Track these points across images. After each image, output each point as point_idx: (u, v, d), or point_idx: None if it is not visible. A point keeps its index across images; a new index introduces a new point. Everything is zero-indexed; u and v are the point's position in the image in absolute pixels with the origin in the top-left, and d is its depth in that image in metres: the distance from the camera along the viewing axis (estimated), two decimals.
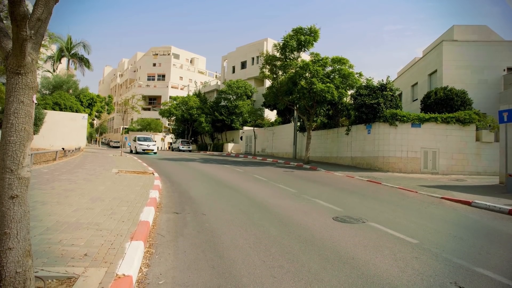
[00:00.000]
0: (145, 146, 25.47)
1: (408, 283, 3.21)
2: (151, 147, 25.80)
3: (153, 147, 25.98)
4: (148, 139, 27.24)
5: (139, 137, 27.40)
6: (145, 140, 26.85)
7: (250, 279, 3.19)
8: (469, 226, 5.95)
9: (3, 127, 2.32)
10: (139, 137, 27.42)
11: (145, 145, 25.51)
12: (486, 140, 14.62)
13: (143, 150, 25.25)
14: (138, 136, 27.73)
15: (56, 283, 2.69)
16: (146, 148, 25.39)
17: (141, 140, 26.81)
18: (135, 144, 26.17)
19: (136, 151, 25.52)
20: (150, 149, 25.59)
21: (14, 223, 2.31)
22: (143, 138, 27.31)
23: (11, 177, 2.29)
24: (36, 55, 2.41)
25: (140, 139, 26.94)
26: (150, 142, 26.44)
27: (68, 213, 4.92)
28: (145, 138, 27.37)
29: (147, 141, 26.70)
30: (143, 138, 27.61)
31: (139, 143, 25.81)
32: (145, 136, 28.46)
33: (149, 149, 25.53)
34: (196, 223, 5.19)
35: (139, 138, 27.38)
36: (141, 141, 26.28)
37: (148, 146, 25.72)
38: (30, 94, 2.37)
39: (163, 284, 3.01)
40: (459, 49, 18.11)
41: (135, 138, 27.47)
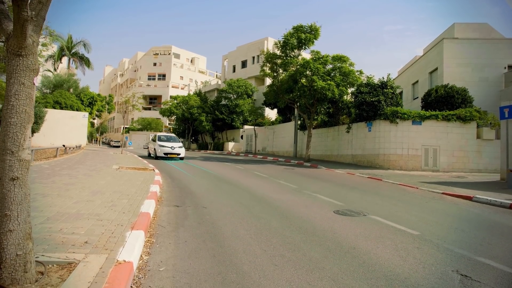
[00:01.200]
0: (169, 149, 17.59)
1: (409, 271, 3.20)
2: (176, 149, 17.66)
3: (180, 150, 17.78)
4: (172, 139, 19.04)
5: (160, 136, 19.14)
6: (168, 140, 18.70)
7: (251, 267, 3.18)
8: (471, 219, 5.94)
9: (4, 108, 2.31)
10: (160, 136, 19.18)
11: (168, 147, 17.64)
12: (487, 138, 14.59)
13: (165, 154, 17.46)
14: (159, 135, 19.39)
15: (57, 267, 2.69)
16: (170, 152, 17.49)
17: (163, 140, 18.57)
18: (155, 146, 18.20)
19: (156, 156, 17.75)
20: (175, 153, 17.51)
21: (15, 205, 2.30)
22: (166, 138, 19.09)
23: (12, 159, 2.28)
24: (37, 38, 2.40)
25: (161, 138, 18.78)
26: (175, 143, 18.25)
27: (68, 204, 4.91)
28: (168, 138, 19.22)
29: (170, 141, 18.59)
30: (166, 137, 19.23)
31: (161, 145, 17.82)
32: (168, 135, 20.16)
33: (174, 153, 17.47)
34: (197, 216, 5.18)
35: (160, 137, 18.98)
36: (163, 142, 18.18)
37: (173, 148, 17.64)
38: (31, 76, 2.37)
39: (164, 271, 3.00)
40: (460, 47, 18.08)
41: (154, 137, 19.18)
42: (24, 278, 2.35)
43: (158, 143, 17.96)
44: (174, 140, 19.00)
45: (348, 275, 3.06)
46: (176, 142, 18.55)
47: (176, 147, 17.88)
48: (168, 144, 17.97)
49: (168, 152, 17.50)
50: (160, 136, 19.23)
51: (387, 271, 3.18)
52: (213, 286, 2.74)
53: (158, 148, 17.67)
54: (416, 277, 3.06)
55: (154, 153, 18.16)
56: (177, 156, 17.65)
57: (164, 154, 17.46)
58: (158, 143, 18.00)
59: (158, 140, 18.40)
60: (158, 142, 18.13)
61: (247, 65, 41.50)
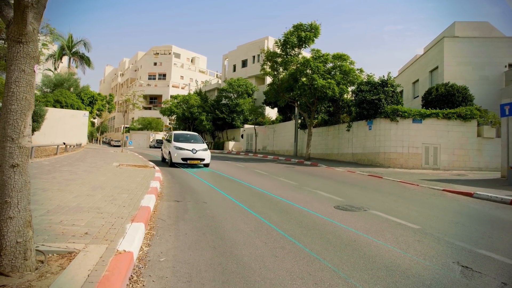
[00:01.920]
0: (189, 153, 12.25)
1: (410, 262, 3.19)
2: (199, 153, 12.39)
3: (203, 154, 12.51)
4: (193, 138, 13.79)
5: (177, 135, 13.77)
6: (187, 139, 13.43)
7: (251, 258, 3.17)
8: (471, 214, 5.93)
9: (4, 95, 2.31)
10: (178, 135, 13.80)
11: (187, 151, 12.29)
12: (488, 136, 14.58)
13: (184, 160, 12.17)
14: (176, 133, 14.04)
15: (57, 257, 2.68)
16: (190, 157, 12.21)
17: (181, 139, 13.27)
18: (170, 148, 12.79)
19: (172, 161, 12.35)
20: (198, 158, 12.32)
21: (15, 192, 2.30)
22: (185, 137, 13.65)
23: (12, 145, 2.28)
24: (38, 25, 2.40)
25: (178, 137, 13.44)
26: (197, 144, 12.97)
27: (69, 198, 4.91)
28: (188, 137, 13.77)
29: (191, 141, 13.31)
30: (185, 136, 13.82)
31: (178, 146, 12.46)
32: (188, 133, 14.53)
33: (196, 158, 12.28)
34: (197, 210, 5.17)
35: (177, 135, 13.66)
36: (180, 142, 12.83)
37: (194, 152, 12.31)
38: (32, 63, 2.36)
39: (164, 261, 3.00)
40: (460, 46, 18.06)
41: (169, 137, 13.91)
42: (24, 266, 2.34)
43: (174, 144, 12.42)
44: (196, 140, 13.57)
45: (349, 266, 3.05)
46: (199, 143, 13.12)
47: (199, 149, 12.32)
48: (188, 145, 12.45)
49: (188, 157, 12.07)
50: (178, 134, 13.73)
51: (388, 262, 3.18)
52: (213, 276, 2.74)
53: (174, 151, 12.17)
54: (417, 268, 3.06)
55: (170, 158, 12.45)
56: (200, 162, 12.26)
57: (182, 160, 12.02)
58: (175, 144, 12.47)
59: (174, 140, 12.89)
60: (175, 143, 12.59)
61: (248, 64, 41.49)
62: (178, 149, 12.26)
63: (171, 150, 12.51)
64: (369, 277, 2.82)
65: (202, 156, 12.36)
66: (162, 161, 14.98)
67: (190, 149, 12.26)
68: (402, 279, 2.80)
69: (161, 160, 15.18)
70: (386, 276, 2.84)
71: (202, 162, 12.39)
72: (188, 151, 12.21)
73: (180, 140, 13.12)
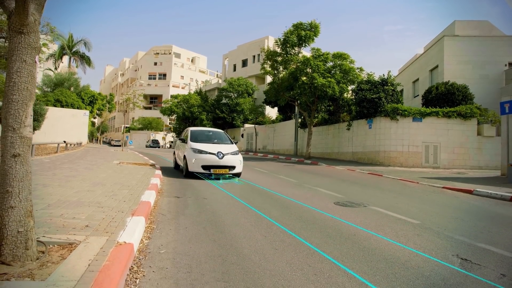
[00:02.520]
0: (213, 157, 8.54)
1: (410, 255, 3.20)
2: (227, 158, 8.68)
3: (233, 159, 8.78)
4: (216, 136, 10.15)
5: (194, 132, 10.07)
6: (208, 138, 9.87)
7: (251, 250, 3.18)
8: (471, 210, 5.94)
9: (6, 85, 2.32)
10: (195, 132, 10.09)
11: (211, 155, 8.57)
12: (488, 135, 14.58)
13: (205, 169, 8.45)
14: (193, 130, 10.21)
15: (58, 248, 2.69)
16: (215, 164, 8.51)
17: (201, 138, 9.60)
18: (185, 151, 9.03)
19: (188, 170, 8.60)
20: (226, 166, 8.63)
21: (16, 182, 2.31)
22: (205, 135, 10.15)
23: (13, 135, 2.29)
24: (39, 16, 2.41)
25: (197, 135, 9.77)
26: (223, 145, 9.32)
27: (69, 193, 4.93)
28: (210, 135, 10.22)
29: (213, 140, 9.73)
30: (205, 134, 10.25)
31: (196, 148, 8.73)
32: (209, 130, 10.99)
33: (224, 166, 8.60)
34: (197, 205, 5.19)
35: (195, 133, 9.93)
36: (200, 142, 9.16)
37: (220, 156, 8.61)
38: (33, 54, 2.38)
39: (164, 253, 3.01)
40: (460, 44, 18.08)
41: (185, 135, 10.26)
42: (25, 255, 2.35)
43: (191, 146, 8.82)
44: (221, 138, 9.86)
45: (349, 258, 3.06)
46: (226, 143, 9.49)
47: (227, 152, 8.70)
48: (211, 147, 8.83)
49: (212, 163, 8.43)
50: (196, 132, 9.91)
51: (387, 255, 3.19)
52: (213, 267, 2.75)
53: (191, 156, 8.54)
54: (417, 260, 3.07)
55: (185, 165, 8.86)
56: (229, 171, 8.59)
57: (203, 169, 8.38)
58: (192, 145, 8.85)
59: (192, 139, 9.27)
60: (192, 143, 8.96)
61: (248, 64, 41.52)
62: (197, 152, 8.44)
63: (187, 154, 8.64)
64: (369, 268, 2.83)
65: (231, 163, 8.49)
66: (175, 168, 10.82)
67: (215, 153, 8.42)
68: (401, 270, 2.81)
69: (174, 167, 10.99)
70: (385, 268, 2.85)
71: (231, 171, 8.50)
72: (211, 156, 8.37)
73: (199, 139, 9.27)
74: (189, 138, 9.37)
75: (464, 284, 2.59)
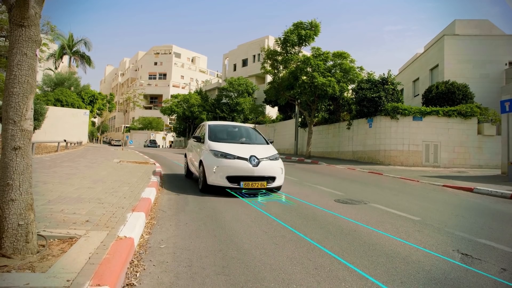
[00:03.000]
0: (244, 164, 5.71)
1: (410, 250, 3.20)
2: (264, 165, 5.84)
3: (272, 166, 5.95)
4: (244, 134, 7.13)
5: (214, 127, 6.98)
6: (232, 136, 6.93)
7: (251, 245, 3.18)
8: (471, 207, 5.93)
9: (7, 78, 2.32)
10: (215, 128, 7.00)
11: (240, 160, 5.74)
12: (488, 134, 14.57)
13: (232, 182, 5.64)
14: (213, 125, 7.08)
15: (58, 242, 2.70)
16: (247, 174, 5.69)
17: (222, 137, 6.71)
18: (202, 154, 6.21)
19: (206, 181, 5.81)
20: (263, 177, 5.81)
21: (17, 175, 2.31)
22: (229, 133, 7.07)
23: (14, 128, 2.29)
24: (39, 10, 2.41)
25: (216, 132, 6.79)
26: (256, 146, 6.44)
27: (70, 190, 4.93)
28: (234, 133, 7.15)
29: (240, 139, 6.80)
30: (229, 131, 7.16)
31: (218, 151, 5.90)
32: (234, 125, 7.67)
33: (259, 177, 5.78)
34: (197, 202, 5.18)
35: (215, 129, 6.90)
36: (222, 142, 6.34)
37: (255, 161, 5.77)
38: (33, 47, 2.38)
39: (165, 248, 3.01)
40: (460, 43, 18.07)
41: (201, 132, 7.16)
42: (26, 249, 2.36)
43: (210, 146, 6.21)
44: (250, 136, 7.23)
45: (349, 253, 3.06)
46: (257, 143, 6.83)
47: (263, 157, 6.00)
48: (238, 148, 6.16)
49: (242, 173, 5.76)
50: (216, 128, 7.18)
51: (388, 250, 3.18)
52: (213, 261, 2.75)
53: (211, 161, 5.88)
54: (417, 255, 3.06)
55: (201, 174, 6.11)
56: (268, 185, 5.92)
57: (229, 181, 5.72)
58: (211, 145, 6.23)
59: (211, 137, 6.61)
60: (212, 143, 6.33)
61: (248, 63, 41.54)
62: (220, 156, 5.83)
63: (204, 159, 6.02)
64: (369, 263, 2.83)
65: (270, 172, 5.90)
66: (186, 176, 8.20)
67: (246, 157, 5.82)
68: (402, 265, 2.81)
69: (185, 175, 8.29)
70: (386, 262, 2.85)
71: (270, 184, 5.91)
72: (241, 162, 5.77)
73: (221, 138, 6.62)
74: (207, 135, 6.38)
75: (465, 278, 2.59)
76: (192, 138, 7.53)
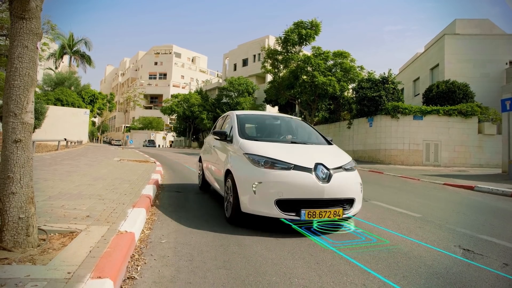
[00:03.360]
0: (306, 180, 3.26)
1: (412, 245, 3.19)
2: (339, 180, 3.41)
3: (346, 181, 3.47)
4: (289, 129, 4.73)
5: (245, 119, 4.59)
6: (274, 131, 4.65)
7: (253, 241, 3.16)
8: (472, 205, 5.92)
9: (7, 71, 2.31)
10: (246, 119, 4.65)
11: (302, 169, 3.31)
12: (489, 133, 14.57)
13: (284, 209, 3.24)
14: (242, 116, 4.57)
15: (59, 236, 2.69)
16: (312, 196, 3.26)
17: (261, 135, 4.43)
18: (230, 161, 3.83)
19: (240, 207, 3.41)
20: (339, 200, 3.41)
21: (18, 168, 2.30)
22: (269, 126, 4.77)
23: (15, 121, 2.28)
24: (40, 2, 2.40)
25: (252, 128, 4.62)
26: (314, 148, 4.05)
27: (70, 187, 4.92)
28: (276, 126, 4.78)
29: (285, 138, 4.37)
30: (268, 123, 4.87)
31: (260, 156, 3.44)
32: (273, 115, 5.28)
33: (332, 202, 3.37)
34: (198, 200, 5.18)
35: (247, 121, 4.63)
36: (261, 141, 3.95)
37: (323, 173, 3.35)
38: (35, 40, 2.37)
39: (166, 243, 3.00)
40: (461, 43, 18.06)
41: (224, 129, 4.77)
42: (27, 242, 2.35)
43: (242, 146, 3.73)
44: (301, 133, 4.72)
45: (350, 248, 3.05)
46: (313, 142, 4.39)
47: (332, 166, 3.47)
48: (289, 152, 3.64)
49: (301, 193, 3.27)
50: (247, 119, 4.75)
51: (389, 245, 3.17)
52: (215, 255, 2.74)
53: (248, 172, 3.43)
54: (419, 250, 3.05)
55: (230, 193, 3.65)
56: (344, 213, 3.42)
57: (280, 208, 3.27)
58: (245, 145, 3.73)
59: (241, 133, 4.11)
60: (244, 141, 3.83)
61: (248, 63, 41.54)
62: (264, 164, 3.42)
63: (235, 168, 3.69)
64: (371, 258, 2.82)
65: (346, 192, 3.49)
66: (201, 187, 6.08)
67: (309, 167, 3.39)
68: (403, 259, 2.80)
69: (199, 186, 6.19)
70: (387, 257, 2.84)
71: (347, 212, 3.50)
72: (301, 175, 3.34)
73: (257, 135, 4.52)
74: (237, 130, 4.19)
75: (467, 272, 2.58)
76: (212, 134, 5.24)
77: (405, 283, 2.33)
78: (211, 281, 2.26)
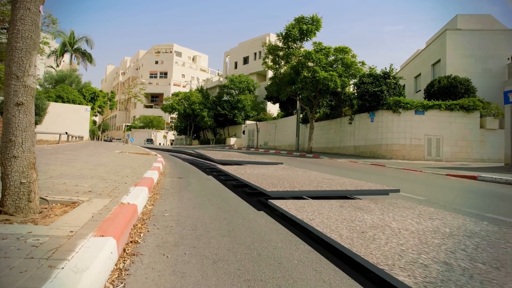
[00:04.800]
0: None
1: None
2: None
3: None
4: None
5: None
6: None
7: (256, 216, 3.14)
8: (476, 191, 5.88)
9: (10, 33, 2.28)
10: None
11: None
12: (491, 127, 14.49)
13: None
14: None
15: (61, 205, 2.66)
16: None
17: None
18: None
19: None
20: None
21: (19, 131, 2.27)
22: None
23: (17, 83, 2.25)
24: None
25: None
26: None
27: (72, 170, 4.89)
28: None
29: None
30: None
31: None
32: None
33: None
34: (200, 183, 5.14)
35: None
36: None
37: None
38: (37, 3, 2.34)
39: (169, 216, 2.97)
40: (463, 38, 17.98)
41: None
42: (28, 208, 2.32)
43: None
44: None
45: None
46: None
47: None
48: None
49: None
50: None
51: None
52: (218, 226, 2.71)
53: None
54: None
55: None
56: None
57: None
58: None
59: None
60: None
61: (249, 61, 41.49)
62: None
63: None
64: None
65: None
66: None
67: None
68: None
69: None
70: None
71: None
72: None
73: None
74: None
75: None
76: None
77: None
78: (215, 245, 2.23)
